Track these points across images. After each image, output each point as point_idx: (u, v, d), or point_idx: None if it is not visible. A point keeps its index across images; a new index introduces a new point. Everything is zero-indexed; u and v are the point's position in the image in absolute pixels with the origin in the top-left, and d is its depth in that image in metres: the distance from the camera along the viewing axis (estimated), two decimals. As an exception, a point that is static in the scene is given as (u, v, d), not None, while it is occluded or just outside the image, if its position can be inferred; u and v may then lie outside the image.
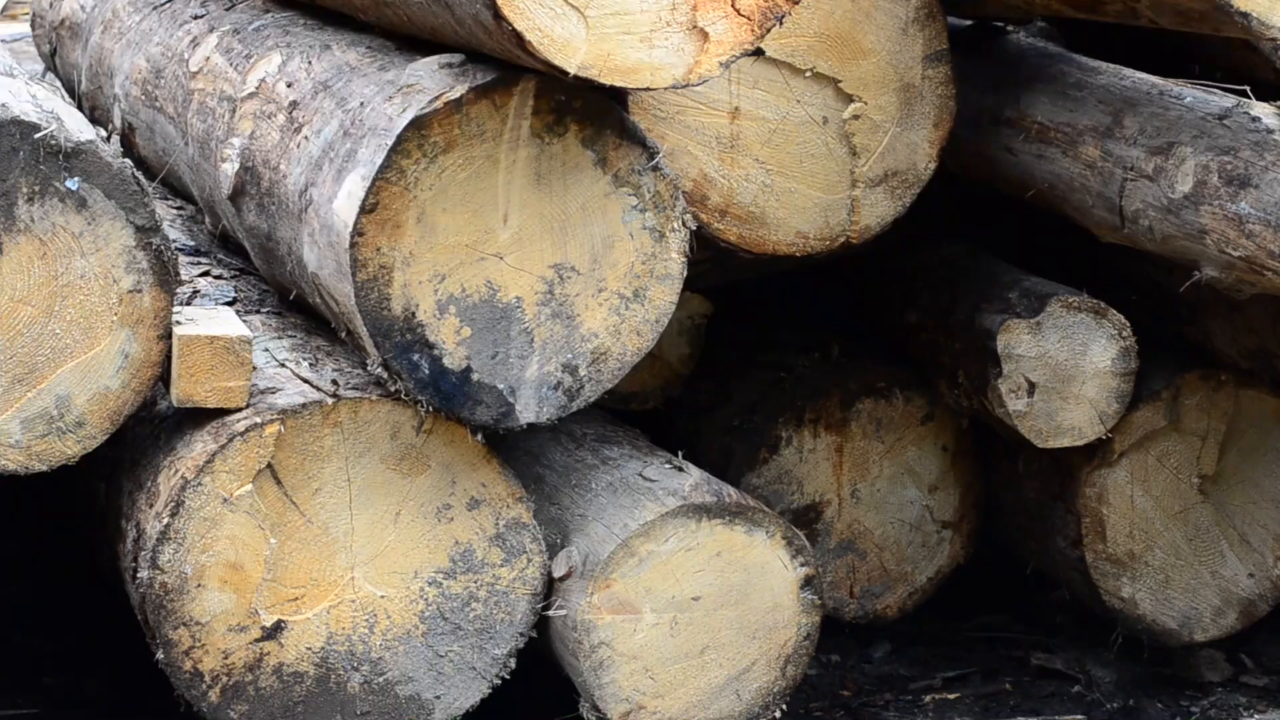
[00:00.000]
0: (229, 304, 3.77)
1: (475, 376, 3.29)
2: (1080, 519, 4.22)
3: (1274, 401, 4.29)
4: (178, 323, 3.34)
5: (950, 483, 4.41)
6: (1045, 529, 4.34)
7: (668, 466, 3.65)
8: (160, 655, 3.33)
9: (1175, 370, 4.22)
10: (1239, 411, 4.27)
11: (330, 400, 3.33)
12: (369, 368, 3.32)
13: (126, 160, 3.27)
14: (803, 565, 3.57)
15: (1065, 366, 4.02)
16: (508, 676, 3.50)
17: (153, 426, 3.48)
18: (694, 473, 3.62)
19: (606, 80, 3.01)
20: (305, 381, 3.42)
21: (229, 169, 3.66)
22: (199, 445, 3.32)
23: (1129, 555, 4.24)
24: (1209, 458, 4.26)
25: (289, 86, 3.63)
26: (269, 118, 3.61)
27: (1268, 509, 4.32)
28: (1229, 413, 4.26)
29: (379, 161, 3.16)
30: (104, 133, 3.41)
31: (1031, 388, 4.03)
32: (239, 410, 3.33)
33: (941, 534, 4.42)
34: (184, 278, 3.83)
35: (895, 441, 4.36)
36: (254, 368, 3.38)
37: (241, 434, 3.28)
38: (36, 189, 3.19)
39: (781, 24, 3.08)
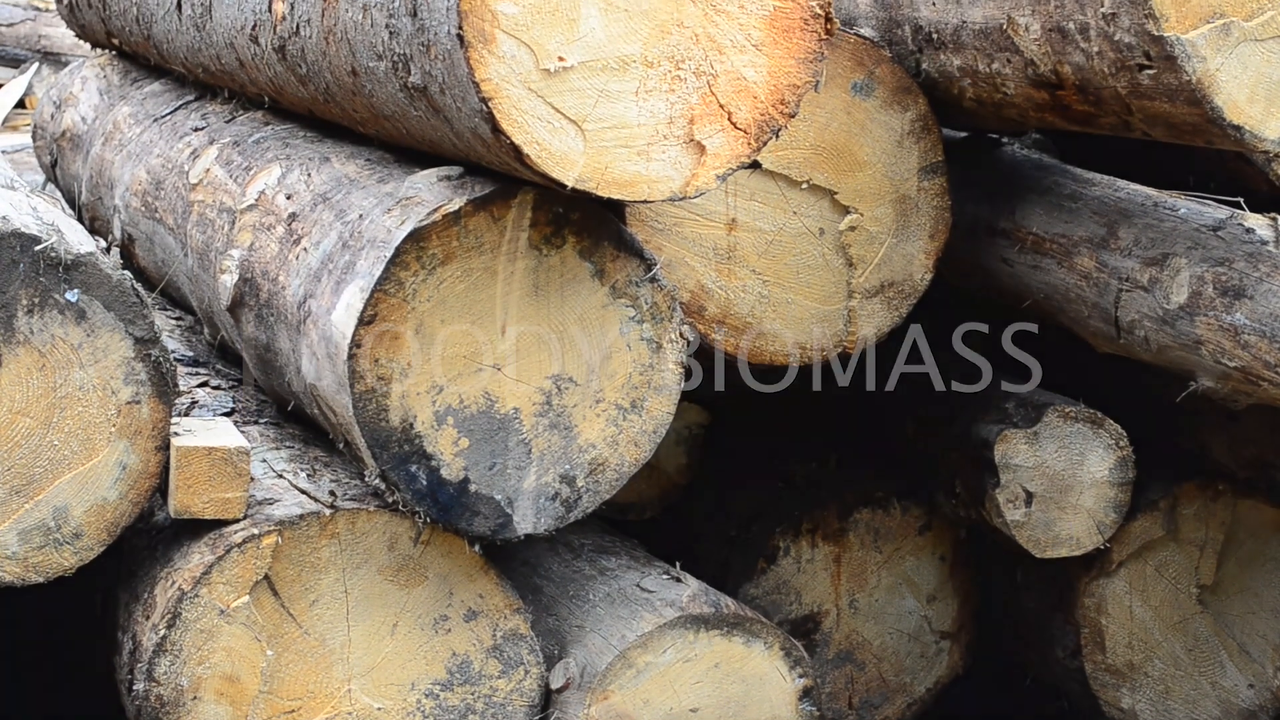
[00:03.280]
0: (227, 415, 3.78)
1: (473, 487, 3.29)
2: (1079, 629, 4.21)
3: (1272, 511, 4.28)
4: (176, 434, 3.34)
5: (948, 593, 4.40)
6: (1044, 639, 4.33)
7: (665, 577, 3.64)
8: (155, 768, 3.31)
9: (1173, 480, 4.22)
10: (1237, 521, 4.27)
11: (328, 511, 3.33)
12: (367, 478, 3.32)
13: (126, 272, 3.28)
14: (801, 676, 3.56)
15: (1062, 476, 4.02)
16: (505, 789, 3.48)
17: (150, 538, 3.47)
18: (692, 583, 3.61)
19: (604, 193, 3.03)
20: (303, 492, 3.41)
21: (228, 280, 3.67)
22: (196, 557, 3.31)
23: (1128, 666, 4.23)
24: (1207, 568, 4.26)
25: (288, 198, 3.64)
26: (268, 229, 3.63)
27: (1267, 619, 4.31)
28: (1227, 522, 4.26)
29: (377, 273, 3.17)
30: (104, 244, 3.41)
31: (1029, 498, 4.03)
32: (236, 521, 3.32)
33: (940, 644, 4.41)
34: (182, 388, 3.83)
35: (893, 552, 4.35)
36: (251, 479, 3.38)
37: (239, 545, 3.28)
38: (36, 301, 3.20)
39: (777, 137, 3.10)
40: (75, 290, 3.22)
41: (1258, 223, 3.61)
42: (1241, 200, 3.73)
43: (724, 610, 3.52)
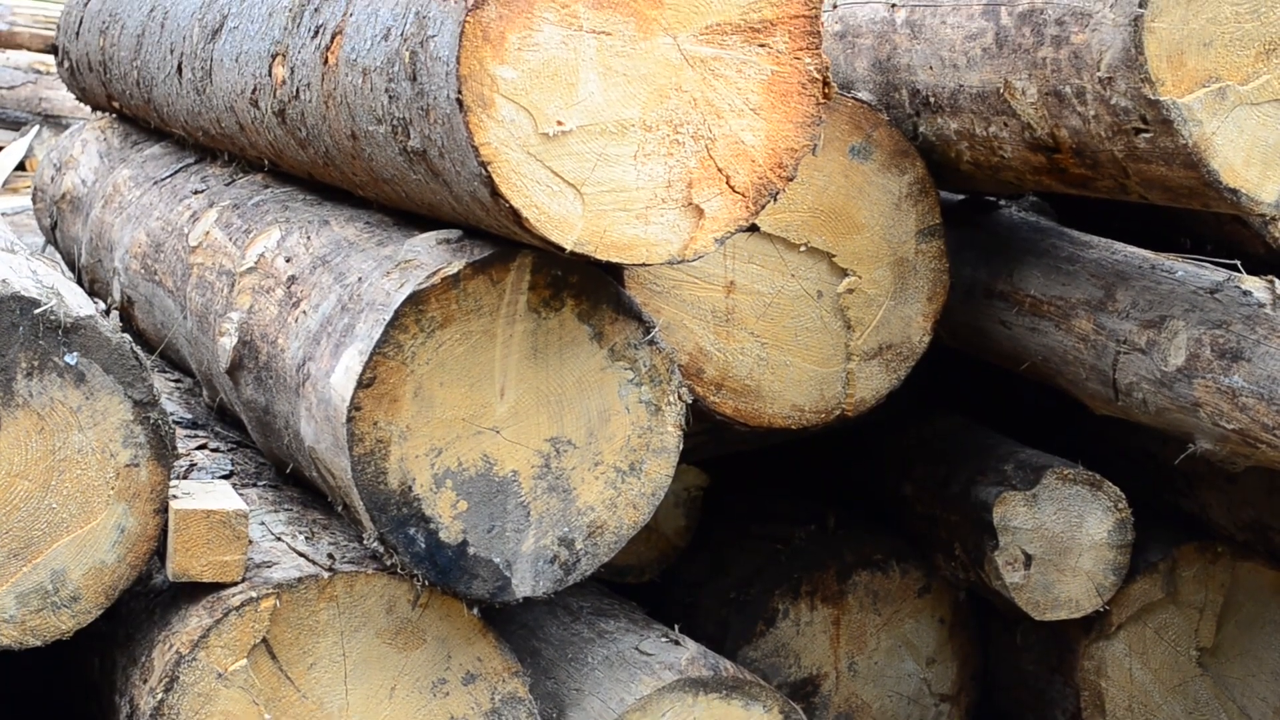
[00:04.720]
0: (225, 477, 3.77)
1: (471, 550, 3.28)
2: (1079, 692, 4.20)
3: (1271, 573, 4.28)
4: (174, 496, 3.33)
5: (948, 655, 4.39)
6: (1044, 702, 4.32)
7: (664, 640, 3.63)
8: (152, 833, 3.30)
9: (1172, 542, 4.22)
10: (1236, 583, 4.27)
11: (326, 574, 3.33)
12: (365, 541, 3.32)
13: (125, 335, 3.28)
14: (800, 740, 3.55)
15: (1062, 539, 4.02)
16: None
17: (147, 600, 3.46)
18: (690, 646, 3.60)
19: (603, 256, 3.03)
20: (301, 555, 3.41)
21: (227, 343, 3.68)
22: (194, 620, 3.31)
23: (1128, 729, 4.22)
24: (1207, 630, 4.25)
25: (288, 261, 3.65)
26: (267, 292, 3.64)
27: (1267, 682, 4.30)
28: (1226, 585, 4.26)
29: (376, 336, 3.18)
30: (103, 307, 3.42)
31: (1028, 560, 4.02)
32: (234, 584, 3.32)
33: (940, 707, 4.40)
34: (181, 451, 3.83)
35: (892, 614, 4.35)
36: (250, 542, 3.37)
37: (237, 608, 3.27)
38: (35, 364, 3.20)
39: (775, 200, 3.11)
40: (74, 353, 3.22)
41: (1255, 285, 3.62)
42: (1238, 263, 3.74)
43: (723, 673, 3.51)
